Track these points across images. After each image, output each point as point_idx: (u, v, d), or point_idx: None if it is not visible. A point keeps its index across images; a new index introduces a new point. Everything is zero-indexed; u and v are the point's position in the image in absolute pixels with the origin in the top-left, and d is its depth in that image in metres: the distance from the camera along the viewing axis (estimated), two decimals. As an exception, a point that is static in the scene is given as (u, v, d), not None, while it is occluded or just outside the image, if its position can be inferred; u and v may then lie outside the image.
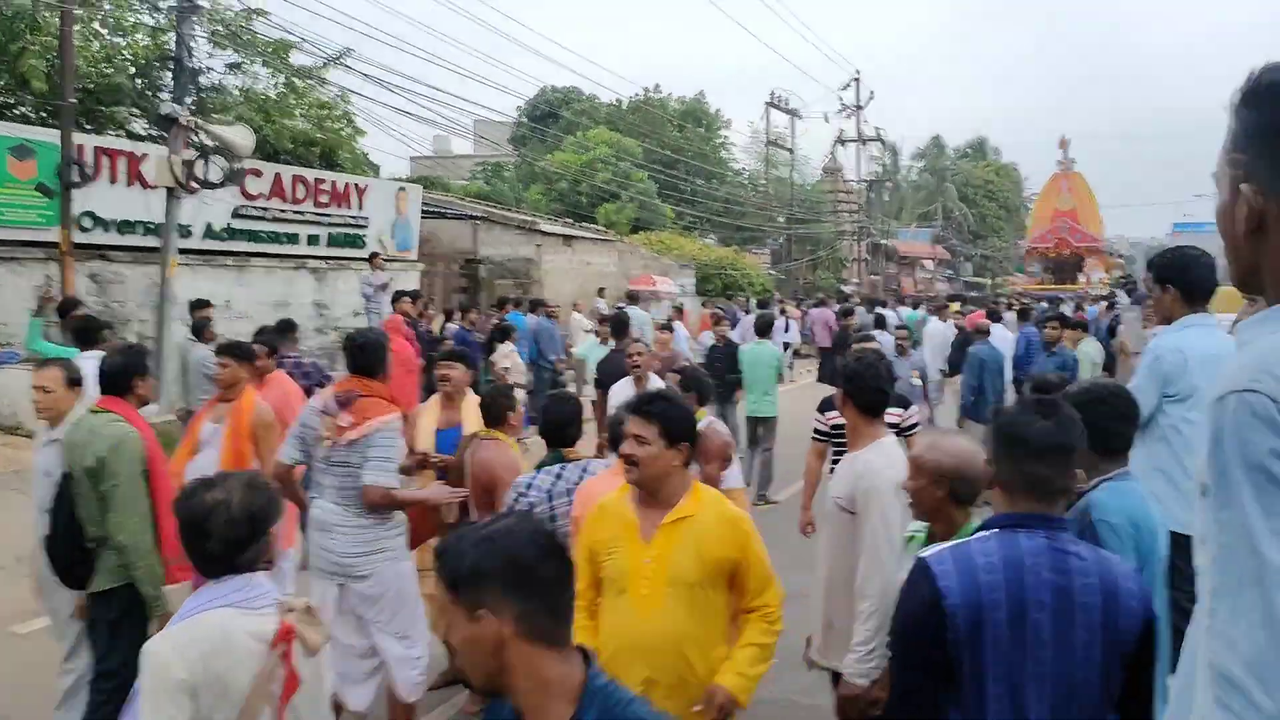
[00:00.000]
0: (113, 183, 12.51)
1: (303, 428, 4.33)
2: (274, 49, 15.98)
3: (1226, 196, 1.32)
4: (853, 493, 3.30)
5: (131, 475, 3.87)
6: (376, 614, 4.26)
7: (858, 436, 3.49)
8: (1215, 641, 1.19)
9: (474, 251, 21.29)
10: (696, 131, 41.61)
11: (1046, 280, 50.11)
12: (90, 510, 3.90)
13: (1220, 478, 1.20)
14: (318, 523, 4.25)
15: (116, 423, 3.97)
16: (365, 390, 4.30)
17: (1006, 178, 69.09)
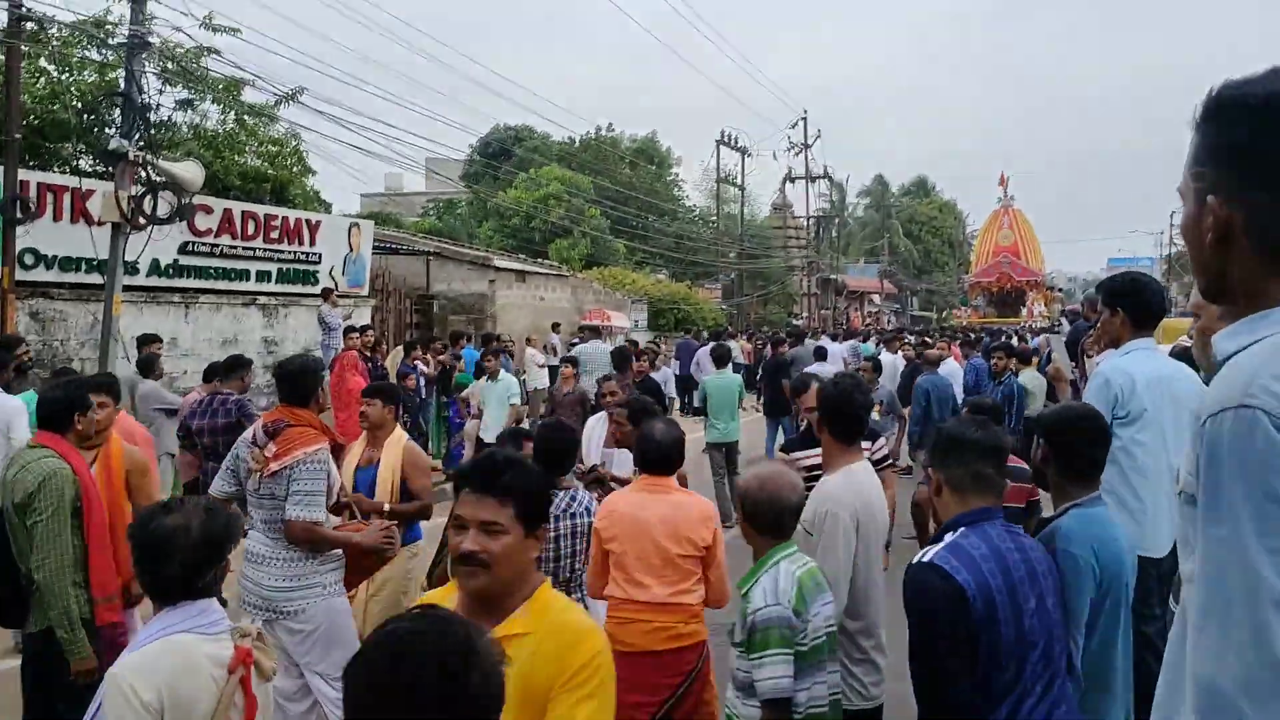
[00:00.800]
0: (56, 219, 12.27)
1: (235, 460, 4.31)
2: (226, 86, 15.86)
3: (1192, 209, 1.35)
4: (813, 515, 3.31)
5: (57, 512, 3.79)
6: (306, 652, 4.12)
7: (830, 461, 3.53)
8: (1203, 656, 1.18)
9: (427, 287, 21.20)
10: (648, 169, 42.01)
11: (990, 313, 51.22)
12: (22, 547, 3.84)
13: (1214, 494, 1.20)
14: (249, 555, 4.18)
15: (48, 458, 3.90)
16: (294, 420, 4.25)
17: (949, 214, 70.76)
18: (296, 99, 15.02)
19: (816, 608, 2.79)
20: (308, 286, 16.07)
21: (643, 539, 3.66)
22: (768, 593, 2.75)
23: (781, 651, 2.66)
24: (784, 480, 2.92)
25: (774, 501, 2.86)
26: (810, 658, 2.73)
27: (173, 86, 14.71)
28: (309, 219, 16.47)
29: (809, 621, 2.74)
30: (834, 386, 3.60)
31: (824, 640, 2.79)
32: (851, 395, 3.55)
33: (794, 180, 45.37)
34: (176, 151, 15.05)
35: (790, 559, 2.86)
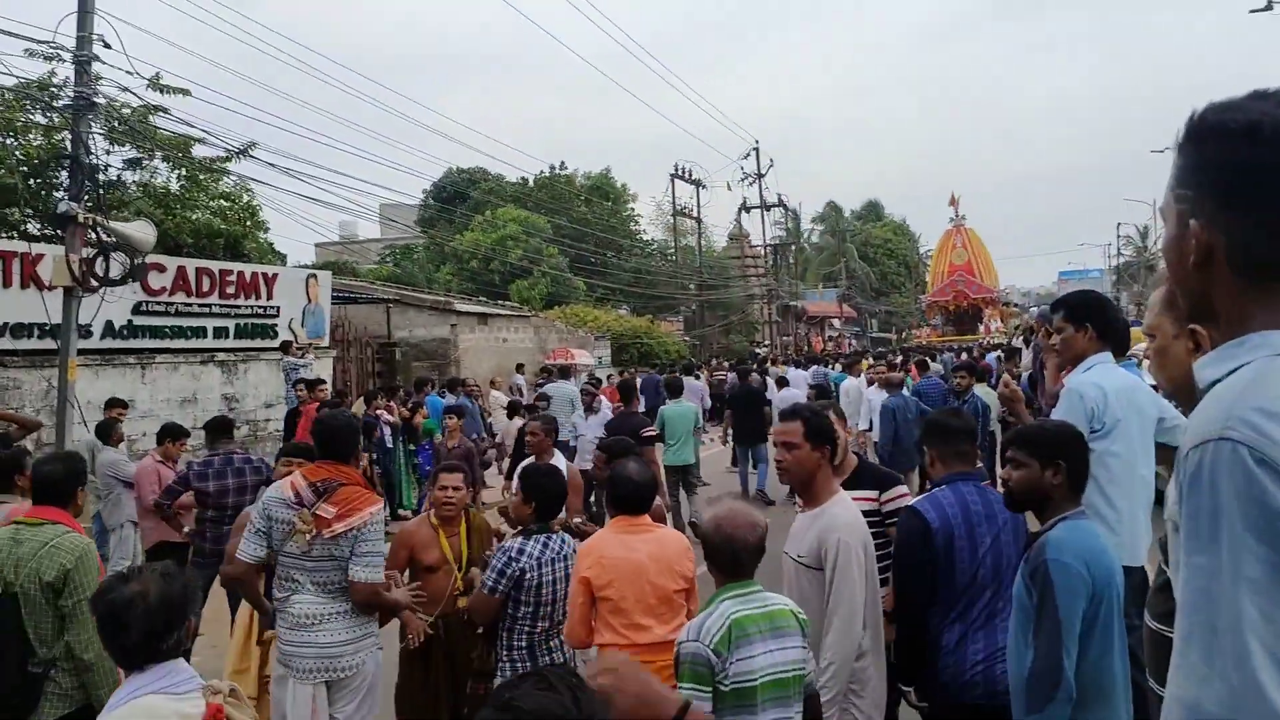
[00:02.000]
0: (6, 286, 12.05)
1: (269, 521, 4.01)
2: (175, 144, 15.73)
3: (1174, 231, 1.36)
4: (819, 549, 3.27)
5: (93, 588, 3.54)
6: (345, 704, 4.03)
7: (821, 494, 3.46)
8: (1186, 679, 1.22)
9: (388, 335, 21.05)
10: (604, 205, 42.23)
11: (949, 331, 51.88)
12: (45, 631, 3.57)
13: (1194, 523, 1.22)
14: (299, 619, 3.96)
15: (70, 534, 3.69)
16: (344, 478, 4.06)
17: (903, 235, 71.85)
18: (248, 154, 14.93)
19: (748, 651, 2.73)
20: (267, 341, 15.90)
21: (639, 580, 3.61)
22: (691, 629, 2.80)
23: (694, 687, 2.66)
24: (741, 520, 2.89)
25: (730, 542, 2.86)
26: (731, 699, 2.70)
27: (121, 146, 14.58)
28: (265, 272, 16.32)
29: (731, 664, 2.70)
30: (820, 415, 3.57)
31: (757, 684, 2.72)
32: (829, 422, 3.59)
33: (749, 210, 45.81)
34: (127, 211, 14.88)
35: (740, 598, 2.83)
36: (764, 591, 2.91)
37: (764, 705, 2.72)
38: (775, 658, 2.75)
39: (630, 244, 42.52)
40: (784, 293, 49.49)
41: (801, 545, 3.36)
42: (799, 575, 3.31)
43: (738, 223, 48.84)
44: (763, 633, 2.76)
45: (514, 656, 3.97)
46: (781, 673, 2.76)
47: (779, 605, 2.88)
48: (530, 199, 38.53)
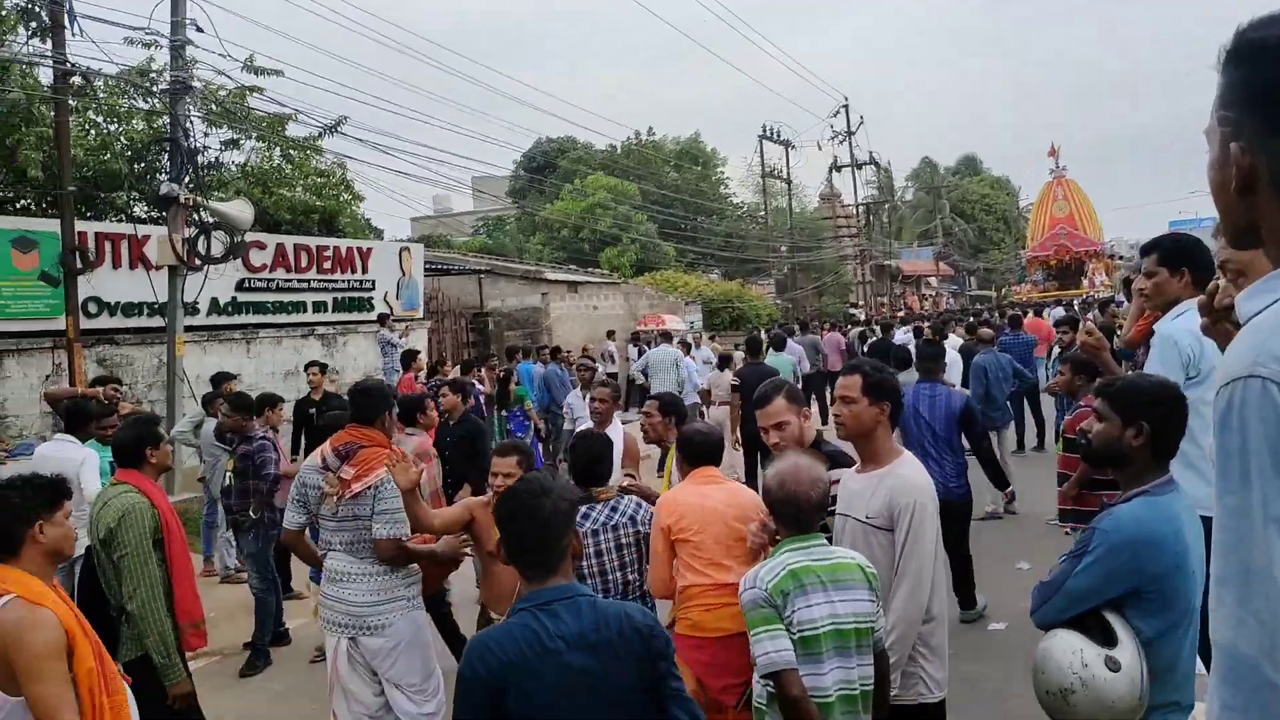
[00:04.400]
0: (115, 267, 12.56)
1: (303, 488, 4.25)
2: (269, 123, 16.12)
3: (1216, 154, 1.30)
4: (891, 510, 3.19)
5: (140, 543, 3.87)
6: (390, 666, 4.16)
7: (882, 453, 3.35)
8: (1222, 622, 1.21)
9: (481, 305, 21.32)
10: (693, 170, 41.90)
11: (1050, 287, 50.04)
12: (110, 581, 3.94)
13: (1225, 463, 1.21)
14: (332, 574, 4.19)
15: (127, 494, 4.00)
16: (365, 440, 4.22)
17: (1001, 190, 69.41)
18: (339, 130, 15.21)
19: (805, 601, 2.78)
20: (364, 314, 16.28)
21: (716, 523, 3.71)
22: (747, 579, 2.87)
23: (767, 628, 2.73)
24: (804, 477, 2.91)
25: (791, 500, 2.90)
26: (799, 648, 2.75)
27: (218, 128, 15.00)
28: (360, 247, 16.67)
29: (794, 613, 2.76)
30: (877, 370, 3.45)
31: (820, 634, 2.77)
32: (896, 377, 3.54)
33: (840, 169, 44.86)
34: (226, 191, 15.34)
35: (800, 550, 2.88)
36: (827, 545, 2.95)
37: (827, 655, 2.77)
38: (837, 609, 2.80)
39: (720, 208, 42.13)
40: (878, 252, 48.46)
41: (870, 506, 3.25)
42: (868, 536, 3.20)
43: (829, 182, 47.96)
44: (823, 584, 2.81)
45: None
46: (843, 623, 2.80)
47: (843, 558, 2.91)
48: (618, 166, 38.47)
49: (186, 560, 4.09)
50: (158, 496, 4.07)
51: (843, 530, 3.35)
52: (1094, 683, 2.47)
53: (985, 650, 6.12)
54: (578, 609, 2.30)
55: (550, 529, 2.36)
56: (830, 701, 2.77)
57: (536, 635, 2.25)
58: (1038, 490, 8.71)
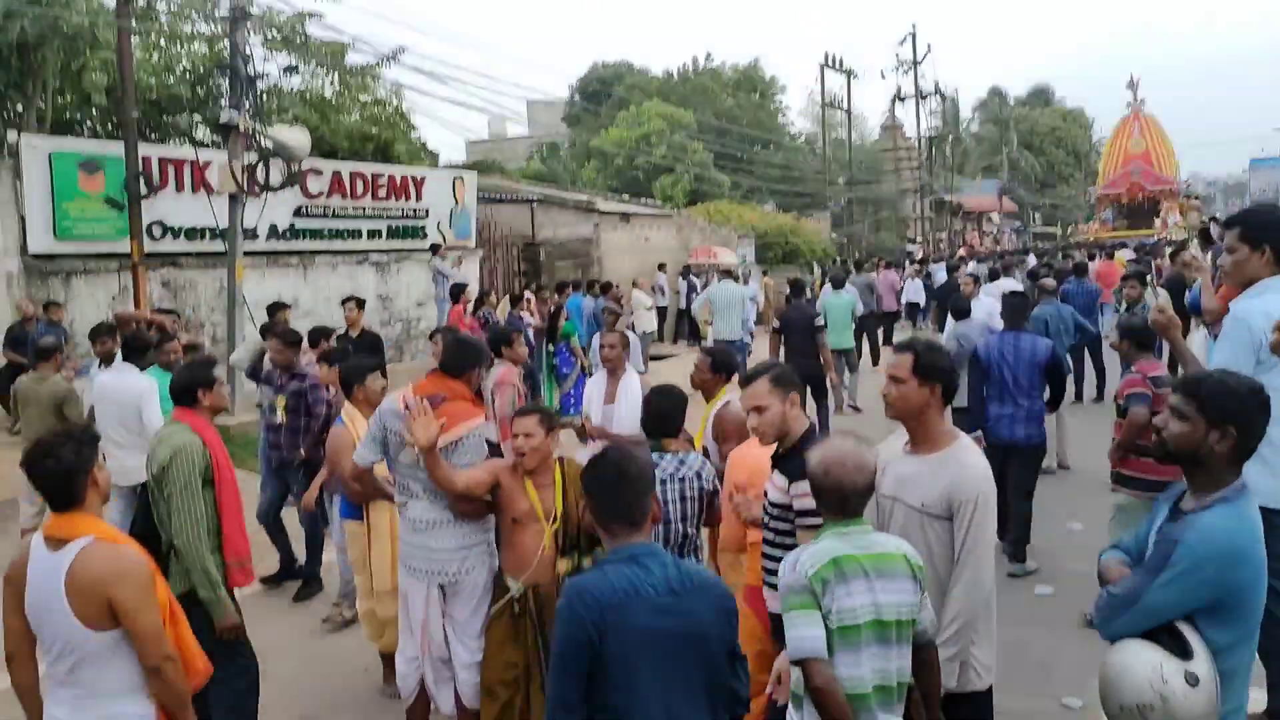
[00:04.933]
0: (179, 191, 12.81)
1: (384, 431, 4.23)
2: (328, 51, 16.15)
3: None
4: (950, 499, 3.07)
5: (189, 482, 4.00)
6: (467, 617, 4.23)
7: (935, 436, 3.21)
8: None
9: (533, 235, 21.36)
10: (750, 98, 41.09)
11: (1120, 226, 48.48)
12: (162, 516, 4.08)
13: None
14: (414, 522, 4.21)
15: (180, 433, 4.13)
16: (449, 392, 4.22)
17: (1074, 123, 66.97)
18: (397, 59, 15.21)
19: (845, 589, 2.68)
20: (417, 241, 16.44)
21: None
22: (786, 564, 2.80)
23: (801, 613, 2.67)
24: (850, 462, 2.79)
25: (839, 484, 2.78)
26: (838, 637, 2.67)
27: (276, 54, 15.07)
28: (414, 175, 16.76)
29: (833, 601, 2.67)
30: (927, 345, 3.29)
31: (861, 624, 2.68)
32: (951, 359, 3.34)
33: (903, 99, 43.61)
34: (284, 117, 15.47)
35: (842, 537, 2.77)
36: (872, 532, 2.84)
37: (866, 646, 2.69)
38: (879, 598, 2.69)
39: (777, 138, 41.36)
40: (939, 187, 47.36)
41: (926, 493, 3.12)
42: (922, 524, 3.11)
43: (891, 113, 46.72)
44: (867, 573, 2.70)
45: None
46: (886, 615, 2.70)
47: (887, 548, 2.80)
48: (675, 94, 37.87)
49: (235, 500, 4.19)
50: (210, 436, 4.18)
51: (890, 514, 3.22)
52: (1174, 699, 2.39)
53: (1032, 615, 5.98)
54: (663, 563, 2.55)
55: (638, 489, 2.62)
56: (865, 692, 2.69)
57: (631, 583, 2.47)
58: (1094, 445, 8.31)
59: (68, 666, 2.80)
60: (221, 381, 4.41)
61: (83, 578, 2.75)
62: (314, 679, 5.51)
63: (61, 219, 11.64)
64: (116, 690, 2.83)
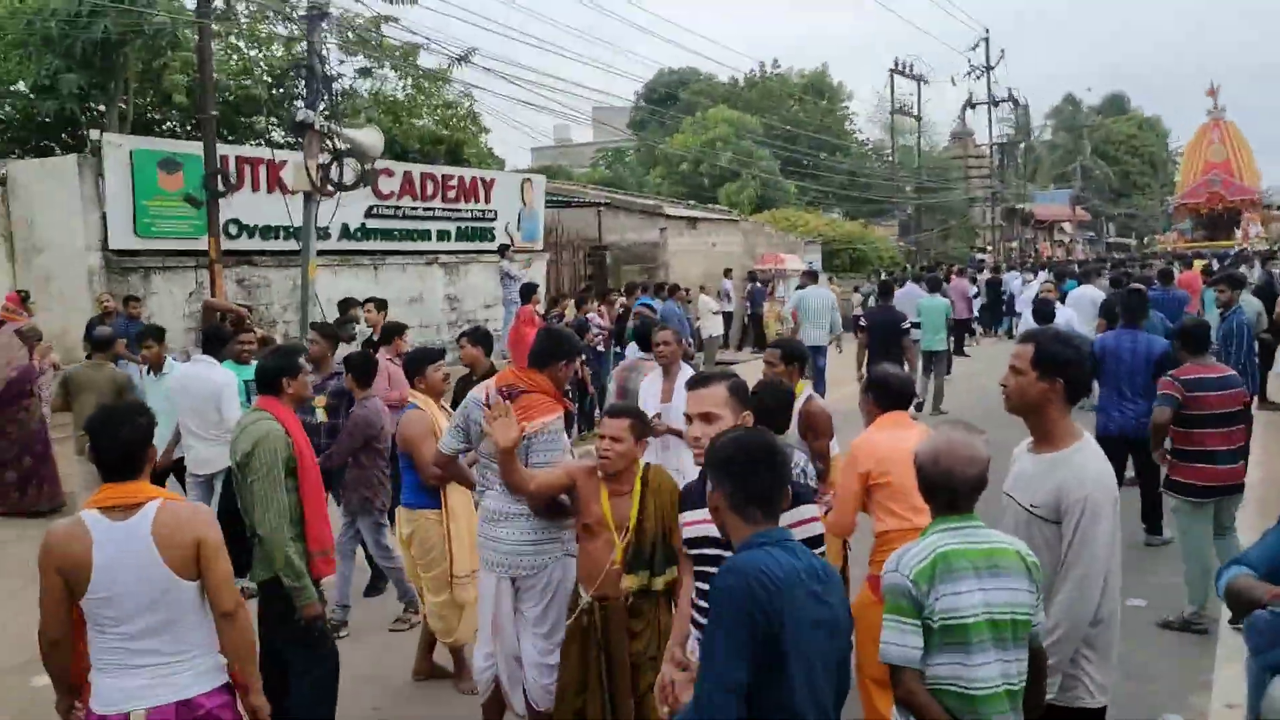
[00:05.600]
0: (254, 190, 12.99)
1: (468, 421, 4.23)
2: (402, 53, 16.32)
3: None
4: (1059, 502, 2.92)
5: (271, 471, 3.97)
6: (533, 610, 4.12)
7: (1055, 435, 3.04)
8: None
9: (599, 238, 21.33)
10: (818, 105, 40.71)
11: (1199, 237, 47.02)
12: (247, 503, 4.08)
13: None
14: (489, 513, 4.17)
15: (263, 421, 4.11)
16: (530, 385, 4.16)
17: (1150, 131, 65.21)
18: (468, 60, 15.30)
19: (953, 587, 2.57)
20: (485, 244, 16.48)
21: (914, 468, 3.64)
22: (891, 560, 2.70)
23: (896, 619, 2.58)
24: (961, 454, 2.68)
25: (948, 479, 2.68)
26: (941, 636, 2.56)
27: (352, 56, 15.25)
28: (484, 177, 16.83)
29: (937, 599, 2.56)
30: (1061, 340, 3.09)
31: (969, 623, 2.56)
32: (1084, 353, 3.13)
33: (974, 106, 42.86)
34: (357, 119, 15.64)
35: (951, 532, 2.66)
36: (984, 528, 2.70)
37: (980, 646, 2.56)
38: (990, 596, 2.57)
39: (844, 144, 40.90)
40: (1010, 195, 46.40)
41: (1036, 494, 2.98)
42: (1031, 525, 2.96)
43: (962, 120, 45.93)
44: (976, 569, 2.58)
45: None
46: (999, 614, 2.57)
47: (1000, 544, 2.66)
48: (741, 99, 37.68)
49: (318, 489, 4.17)
50: (293, 425, 4.15)
51: (1004, 511, 3.12)
52: None
53: (1126, 628, 5.74)
54: (805, 551, 2.52)
55: (780, 474, 2.57)
56: (993, 693, 2.57)
57: (794, 567, 2.39)
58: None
59: (162, 621, 2.91)
60: (306, 370, 4.39)
61: (171, 528, 2.91)
62: (385, 671, 5.48)
63: (141, 216, 11.87)
64: (203, 640, 3.00)
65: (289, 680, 4.08)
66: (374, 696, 5.17)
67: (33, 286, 11.79)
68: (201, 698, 2.94)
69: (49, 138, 15.06)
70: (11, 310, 10.15)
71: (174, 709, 2.89)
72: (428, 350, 5.67)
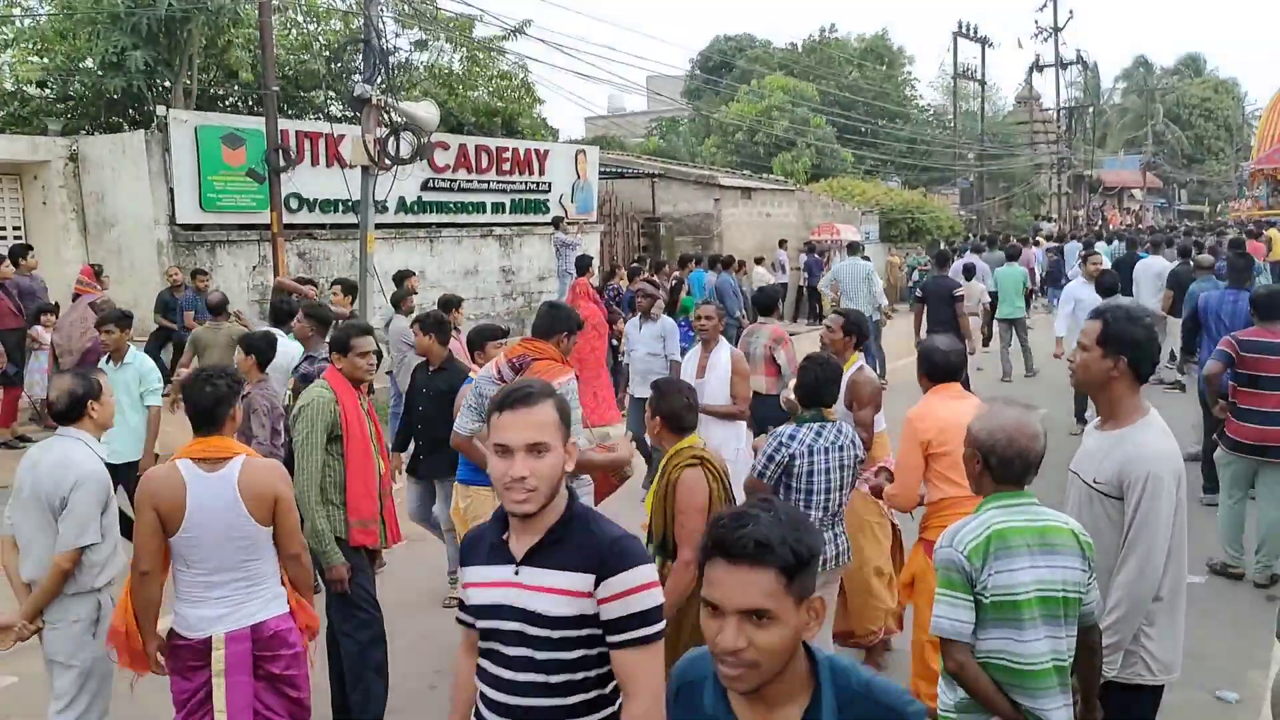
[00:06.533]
0: (314, 164, 13.21)
1: (479, 397, 4.34)
2: (457, 25, 16.37)
3: None
4: (1122, 478, 2.92)
5: (310, 434, 4.16)
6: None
7: (1120, 412, 3.03)
8: None
9: (653, 209, 21.29)
10: (877, 70, 39.93)
11: (1276, 204, 45.31)
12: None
13: None
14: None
15: (315, 388, 4.31)
16: (536, 353, 4.31)
17: (1226, 94, 62.74)
18: (523, 31, 15.28)
19: (1008, 564, 2.59)
20: (539, 216, 16.56)
21: None
22: (946, 535, 2.71)
23: (948, 593, 2.61)
24: (1029, 430, 2.72)
25: (1021, 455, 2.69)
26: (993, 612, 2.59)
27: (408, 29, 15.34)
28: (538, 149, 16.87)
29: (990, 575, 2.59)
30: (1131, 320, 3.04)
31: (1020, 600, 2.58)
32: (1154, 333, 3.09)
33: (1041, 69, 41.67)
34: (413, 92, 15.77)
35: (1007, 509, 2.68)
36: (1038, 505, 2.72)
37: (1031, 622, 2.59)
38: (1043, 574, 2.59)
39: (904, 111, 40.10)
40: (1077, 160, 45.14)
41: (1100, 470, 2.98)
42: (1094, 502, 2.97)
43: (1028, 84, 44.74)
44: (1030, 547, 2.60)
45: None
46: (1051, 591, 2.59)
47: (1054, 521, 2.67)
48: (798, 65, 37.12)
49: (364, 459, 4.25)
50: (344, 394, 4.28)
51: (1068, 489, 3.15)
52: None
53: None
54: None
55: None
56: (1042, 669, 2.60)
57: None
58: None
59: (240, 560, 3.30)
60: (359, 350, 4.38)
61: (255, 482, 3.30)
62: (449, 636, 5.55)
63: (207, 191, 12.15)
64: (271, 574, 3.41)
65: (339, 643, 4.29)
66: (435, 661, 5.27)
67: (105, 260, 12.17)
68: (271, 621, 3.36)
69: (117, 114, 15.44)
70: (86, 284, 10.49)
71: (248, 631, 3.30)
72: (489, 327, 5.81)
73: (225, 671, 3.25)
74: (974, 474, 2.78)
